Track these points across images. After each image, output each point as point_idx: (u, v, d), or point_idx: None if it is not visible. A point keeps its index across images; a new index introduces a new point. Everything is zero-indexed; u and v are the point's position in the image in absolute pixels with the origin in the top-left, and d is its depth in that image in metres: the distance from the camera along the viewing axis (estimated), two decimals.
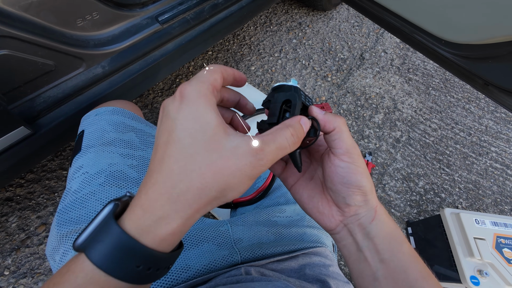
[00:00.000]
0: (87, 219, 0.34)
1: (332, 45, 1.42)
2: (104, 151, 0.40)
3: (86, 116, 0.47)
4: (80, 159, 0.40)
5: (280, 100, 0.24)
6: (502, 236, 0.63)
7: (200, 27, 0.81)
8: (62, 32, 0.54)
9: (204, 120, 0.17)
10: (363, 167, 0.24)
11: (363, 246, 0.24)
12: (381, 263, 0.23)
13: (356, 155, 0.24)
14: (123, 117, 0.46)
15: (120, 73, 0.66)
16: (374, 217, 0.24)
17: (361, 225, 0.24)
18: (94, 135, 0.42)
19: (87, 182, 0.37)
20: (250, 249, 0.40)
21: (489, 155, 1.11)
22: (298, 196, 0.28)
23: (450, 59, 0.64)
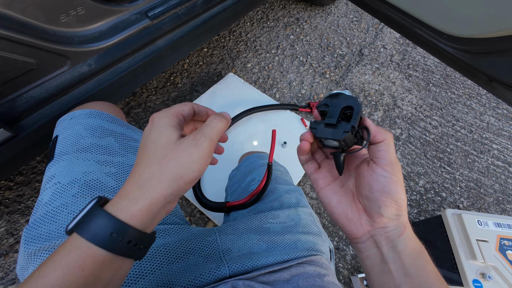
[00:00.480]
0: (58, 235, 0.31)
1: (330, 41, 1.39)
2: (79, 158, 0.37)
3: (61, 120, 0.43)
4: (53, 168, 0.37)
5: (340, 105, 0.26)
6: (505, 238, 0.61)
7: (192, 23, 0.78)
8: (44, 28, 0.51)
9: (163, 133, 0.24)
10: (401, 180, 0.25)
11: (388, 258, 0.24)
12: (406, 277, 0.23)
13: (398, 170, 0.25)
14: (101, 120, 0.43)
15: (108, 71, 0.63)
16: (402, 233, 0.25)
17: (389, 238, 0.25)
18: (68, 141, 0.39)
19: (59, 193, 0.34)
20: (240, 260, 0.38)
21: (491, 152, 1.09)
22: (327, 200, 0.29)
23: (452, 53, 0.61)
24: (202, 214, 0.86)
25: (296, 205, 0.50)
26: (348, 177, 0.29)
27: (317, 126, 0.27)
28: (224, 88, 1.08)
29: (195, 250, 0.38)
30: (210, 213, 0.83)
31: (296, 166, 0.92)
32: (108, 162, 0.39)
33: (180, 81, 1.15)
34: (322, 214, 0.89)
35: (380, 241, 0.25)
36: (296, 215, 0.48)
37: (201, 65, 1.21)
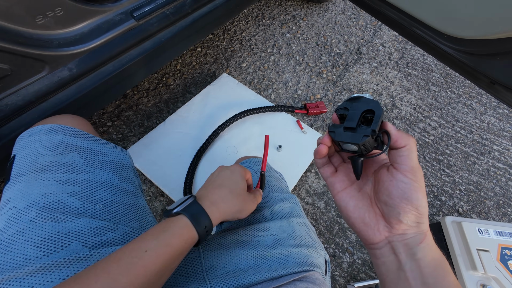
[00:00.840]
0: (13, 265, 0.28)
1: (327, 39, 1.35)
2: (37, 179, 0.34)
3: (20, 138, 0.40)
4: (9, 191, 0.34)
5: (361, 109, 0.26)
6: (507, 247, 0.58)
7: (181, 23, 0.75)
8: (18, 32, 0.48)
9: (241, 180, 0.40)
10: (424, 190, 0.24)
11: (405, 266, 0.24)
12: (423, 286, 0.23)
13: (419, 176, 0.24)
14: (63, 135, 0.39)
15: (90, 75, 0.60)
16: (422, 240, 0.24)
17: (407, 245, 0.24)
18: (25, 161, 0.36)
19: (15, 219, 0.31)
20: (224, 278, 0.35)
21: (491, 154, 1.06)
22: (343, 204, 0.29)
23: (453, 55, 0.58)
24: None
25: (289, 215, 0.48)
26: (366, 182, 0.29)
27: (336, 130, 0.27)
28: (218, 89, 1.05)
29: (176, 268, 0.35)
30: None
31: (291, 170, 0.89)
32: (71, 181, 0.36)
33: (173, 82, 1.12)
34: (318, 220, 0.87)
35: (398, 247, 0.25)
36: (288, 227, 0.45)
37: (194, 65, 1.18)
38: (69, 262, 0.30)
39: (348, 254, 0.81)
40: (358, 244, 0.83)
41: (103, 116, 0.99)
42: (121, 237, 0.35)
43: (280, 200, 0.50)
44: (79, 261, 0.31)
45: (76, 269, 0.30)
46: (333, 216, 0.87)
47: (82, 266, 0.30)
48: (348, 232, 0.85)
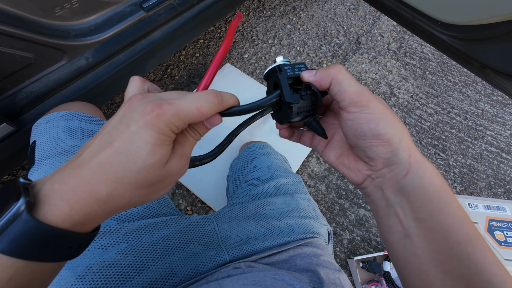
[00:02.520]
0: None
1: (327, 29, 1.38)
2: (61, 161, 0.37)
3: (37, 124, 0.42)
4: (36, 173, 0.36)
5: (271, 88, 0.25)
6: (494, 219, 0.64)
7: (188, 14, 0.78)
8: (40, 22, 0.51)
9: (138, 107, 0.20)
10: (378, 112, 0.22)
11: (394, 202, 0.22)
12: (415, 221, 0.21)
13: (364, 102, 0.22)
14: (78, 121, 0.42)
15: (105, 64, 0.64)
16: (408, 171, 0.21)
17: (393, 179, 0.22)
18: (47, 145, 0.38)
19: None
20: (238, 245, 0.40)
21: (485, 138, 1.11)
22: (327, 158, 0.28)
23: (446, 41, 0.62)
24: (203, 204, 0.89)
25: (293, 192, 0.52)
26: (337, 131, 0.28)
27: (276, 115, 0.27)
28: (221, 79, 1.08)
29: (195, 239, 0.39)
30: (211, 203, 0.85)
31: (294, 156, 0.93)
32: None
33: (177, 73, 1.15)
34: (319, 201, 0.92)
35: (383, 184, 0.23)
36: (293, 201, 0.49)
37: (197, 57, 1.21)
38: (102, 234, 0.34)
39: (348, 232, 0.86)
40: (357, 222, 0.88)
41: (111, 106, 1.03)
42: (143, 211, 0.39)
43: (285, 179, 0.54)
44: (110, 233, 0.34)
45: (108, 240, 0.34)
46: (334, 198, 0.92)
47: (113, 237, 0.34)
48: (348, 211, 0.90)
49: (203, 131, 0.22)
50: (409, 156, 0.22)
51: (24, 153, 0.60)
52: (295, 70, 0.24)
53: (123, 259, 0.33)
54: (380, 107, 0.22)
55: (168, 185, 0.20)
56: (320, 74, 0.23)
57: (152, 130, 0.17)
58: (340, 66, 0.23)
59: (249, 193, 0.51)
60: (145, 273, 0.34)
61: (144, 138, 0.17)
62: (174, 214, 0.43)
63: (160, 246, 0.36)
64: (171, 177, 0.20)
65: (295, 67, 0.25)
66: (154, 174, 0.18)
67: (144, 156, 0.17)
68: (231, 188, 0.61)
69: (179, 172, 0.20)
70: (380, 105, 0.22)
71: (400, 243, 0.22)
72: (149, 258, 0.35)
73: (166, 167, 0.18)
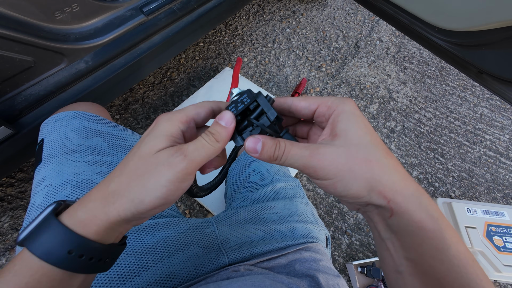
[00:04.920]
0: None
1: (326, 34, 1.39)
2: (68, 160, 0.37)
3: (45, 123, 0.43)
4: (42, 171, 0.37)
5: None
6: (493, 224, 0.63)
7: (188, 18, 0.78)
8: (40, 26, 0.51)
9: (152, 140, 0.20)
10: (332, 175, 0.19)
11: (384, 237, 0.21)
12: (406, 260, 0.20)
13: (318, 173, 0.20)
14: (86, 121, 0.43)
15: (104, 68, 0.64)
16: (392, 213, 0.19)
17: (380, 216, 0.21)
18: (55, 144, 0.39)
19: (52, 195, 0.35)
20: (238, 249, 0.40)
21: (483, 143, 1.11)
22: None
23: (444, 46, 0.62)
24: (201, 207, 0.89)
25: (292, 196, 0.52)
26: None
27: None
28: (221, 82, 1.09)
29: (195, 241, 0.39)
30: (210, 206, 0.85)
31: None
32: (98, 162, 0.39)
33: (177, 76, 1.15)
34: (318, 205, 0.91)
35: (373, 217, 0.21)
36: (292, 205, 0.49)
37: (197, 60, 1.21)
38: None
39: (346, 236, 0.86)
40: (356, 227, 0.88)
41: (111, 109, 1.03)
42: None
43: (284, 183, 0.54)
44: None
45: None
46: (332, 202, 0.92)
47: None
48: (347, 216, 0.90)
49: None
50: (387, 202, 0.19)
51: (22, 156, 0.60)
52: (238, 105, 0.22)
53: (123, 259, 0.33)
54: (337, 163, 0.19)
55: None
56: (267, 151, 0.21)
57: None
58: (286, 149, 0.21)
59: (249, 198, 0.51)
60: (145, 274, 0.34)
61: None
62: (176, 216, 0.43)
63: (161, 247, 0.36)
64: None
65: (238, 101, 0.23)
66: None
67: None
68: (230, 191, 0.60)
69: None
70: (337, 161, 0.19)
71: (392, 275, 0.21)
72: (149, 259, 0.35)
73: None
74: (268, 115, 0.22)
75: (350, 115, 0.21)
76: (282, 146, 0.21)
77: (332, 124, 0.21)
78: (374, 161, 0.20)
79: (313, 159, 0.20)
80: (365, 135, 0.20)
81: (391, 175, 0.20)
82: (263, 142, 0.21)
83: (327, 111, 0.22)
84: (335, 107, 0.22)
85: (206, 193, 0.31)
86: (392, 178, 0.19)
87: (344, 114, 0.21)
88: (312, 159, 0.20)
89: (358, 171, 0.19)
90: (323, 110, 0.22)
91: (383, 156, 0.20)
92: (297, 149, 0.21)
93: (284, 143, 0.21)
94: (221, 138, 0.21)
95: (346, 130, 0.20)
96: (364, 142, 0.20)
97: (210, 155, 0.21)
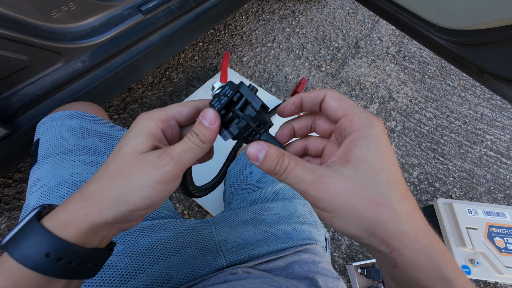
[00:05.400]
0: None
1: (326, 33, 1.38)
2: (64, 160, 0.37)
3: (41, 123, 0.42)
4: (37, 171, 0.36)
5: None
6: (494, 225, 0.63)
7: (186, 17, 0.78)
8: (36, 25, 0.51)
9: (132, 140, 0.20)
10: (331, 209, 0.17)
11: (389, 284, 0.19)
12: None
13: (321, 203, 0.18)
14: (83, 121, 0.42)
15: (102, 67, 0.63)
16: (395, 265, 0.17)
17: (384, 263, 0.19)
18: (51, 144, 0.38)
19: (47, 196, 0.34)
20: (236, 251, 0.39)
21: (484, 143, 1.10)
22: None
23: (445, 46, 0.62)
24: (200, 208, 0.88)
25: (291, 197, 0.51)
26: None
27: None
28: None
29: (192, 243, 0.39)
30: (208, 206, 0.85)
31: None
32: (94, 163, 0.39)
33: (176, 76, 1.15)
34: None
35: (376, 259, 0.20)
36: (291, 206, 0.49)
37: (196, 60, 1.21)
38: None
39: (346, 237, 0.85)
40: None
41: (109, 109, 1.02)
42: None
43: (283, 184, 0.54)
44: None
45: None
46: None
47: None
48: None
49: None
50: (390, 251, 0.17)
51: (18, 157, 0.59)
52: (221, 99, 0.21)
53: (119, 261, 0.33)
54: (340, 199, 0.17)
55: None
56: (268, 163, 0.20)
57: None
58: (289, 167, 0.19)
59: (247, 198, 0.51)
60: (141, 276, 0.33)
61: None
62: (173, 217, 0.43)
63: (157, 249, 0.36)
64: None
65: (220, 94, 0.22)
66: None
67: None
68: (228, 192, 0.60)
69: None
70: (340, 197, 0.17)
71: None
72: (145, 260, 0.34)
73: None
74: (253, 104, 0.21)
75: (371, 142, 0.18)
76: (285, 162, 0.19)
77: (348, 147, 0.19)
78: (383, 205, 0.17)
79: (315, 188, 0.18)
80: (382, 171, 0.17)
81: (401, 224, 0.17)
82: (266, 152, 0.20)
83: (349, 127, 0.19)
84: (357, 127, 0.19)
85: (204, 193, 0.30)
86: (401, 228, 0.17)
87: (365, 140, 0.18)
88: (314, 188, 0.18)
89: (361, 213, 0.17)
90: (345, 123, 0.19)
91: (396, 200, 0.17)
92: (301, 171, 0.19)
93: (289, 159, 0.19)
94: (207, 139, 0.20)
95: (361, 161, 0.18)
96: (378, 180, 0.17)
97: (197, 156, 0.20)
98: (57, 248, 0.17)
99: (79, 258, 0.18)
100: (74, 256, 0.18)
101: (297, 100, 0.22)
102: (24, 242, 0.17)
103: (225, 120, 0.22)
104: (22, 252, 0.17)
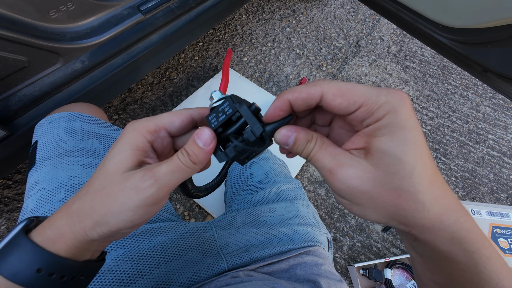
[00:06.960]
0: None
1: (327, 32, 1.38)
2: (62, 162, 0.36)
3: (39, 125, 0.41)
4: (35, 174, 0.36)
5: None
6: (497, 226, 0.62)
7: (186, 17, 0.77)
8: (34, 25, 0.50)
9: (115, 156, 0.19)
10: (358, 200, 0.17)
11: (412, 256, 0.20)
12: (434, 283, 0.19)
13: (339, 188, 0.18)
14: (81, 122, 0.41)
15: (101, 68, 0.63)
16: (415, 239, 0.18)
17: (404, 236, 0.19)
18: (49, 146, 0.38)
19: (45, 200, 0.34)
20: (237, 253, 0.39)
21: (486, 143, 1.10)
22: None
23: (448, 44, 0.61)
24: (201, 209, 0.87)
25: (293, 198, 0.51)
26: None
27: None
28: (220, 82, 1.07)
29: (193, 246, 0.38)
30: (209, 207, 0.84)
31: (293, 159, 0.92)
32: (93, 165, 0.38)
33: (176, 76, 1.14)
34: (319, 207, 0.90)
35: (399, 232, 0.20)
36: (293, 208, 0.48)
37: (196, 60, 1.20)
38: None
39: (348, 238, 0.85)
40: (357, 228, 0.87)
41: (109, 109, 1.02)
42: None
43: (284, 185, 0.53)
44: None
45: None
46: (333, 203, 0.90)
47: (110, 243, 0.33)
48: (348, 217, 0.89)
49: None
50: (409, 231, 0.17)
51: (18, 158, 0.58)
52: (219, 115, 0.20)
53: (119, 265, 0.32)
54: (357, 190, 0.17)
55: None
56: (297, 148, 0.20)
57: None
58: (313, 151, 0.19)
59: (249, 200, 0.50)
60: (142, 280, 0.33)
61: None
62: (173, 220, 0.42)
63: (158, 253, 0.35)
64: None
65: (219, 109, 0.20)
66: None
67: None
68: (229, 193, 0.59)
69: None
70: (357, 188, 0.17)
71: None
72: (146, 265, 0.34)
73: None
74: (254, 130, 0.19)
75: (396, 132, 0.16)
76: (311, 146, 0.19)
77: (369, 138, 0.17)
78: (404, 196, 0.16)
79: (332, 177, 0.18)
80: (408, 162, 0.16)
81: (423, 211, 0.16)
82: (295, 137, 0.19)
83: (368, 118, 0.17)
84: (378, 117, 0.17)
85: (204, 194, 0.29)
86: (423, 215, 0.16)
87: (389, 129, 0.16)
88: (331, 177, 0.18)
89: (379, 203, 0.17)
90: (362, 115, 0.17)
91: (421, 189, 0.16)
92: (321, 156, 0.18)
93: (315, 142, 0.19)
94: (198, 160, 0.19)
95: (383, 153, 0.16)
96: (402, 172, 0.16)
97: (185, 177, 0.19)
98: (48, 263, 0.16)
99: (71, 272, 0.18)
100: (66, 271, 0.17)
101: (284, 105, 0.19)
102: (13, 258, 0.16)
103: (221, 138, 0.20)
104: (12, 269, 0.16)
